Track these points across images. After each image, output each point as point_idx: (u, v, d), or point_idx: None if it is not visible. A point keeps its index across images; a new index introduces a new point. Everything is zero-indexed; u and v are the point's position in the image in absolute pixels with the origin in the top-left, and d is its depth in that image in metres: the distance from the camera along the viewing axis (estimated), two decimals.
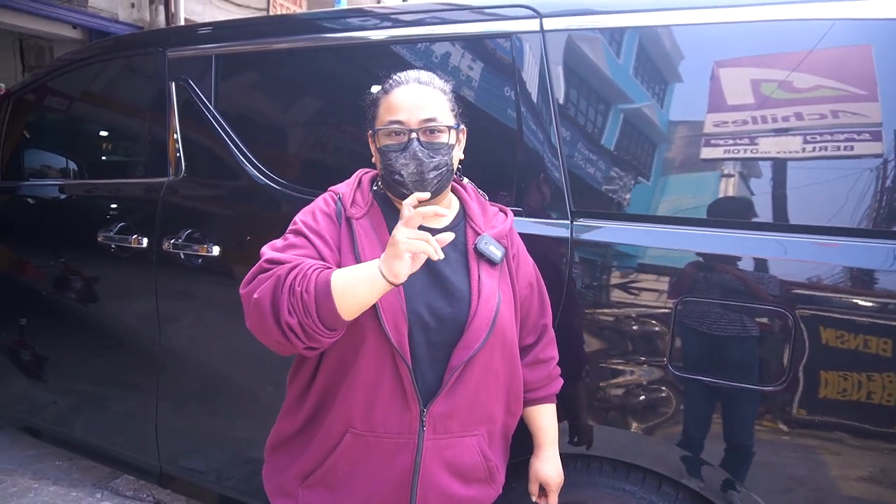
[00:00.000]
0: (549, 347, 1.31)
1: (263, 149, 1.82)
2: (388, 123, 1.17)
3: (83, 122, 2.46)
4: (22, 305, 2.37)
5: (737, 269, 1.25)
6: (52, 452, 2.67)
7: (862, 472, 1.18)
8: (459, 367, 1.13)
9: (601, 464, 1.40)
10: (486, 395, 1.20)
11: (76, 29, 5.73)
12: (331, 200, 1.23)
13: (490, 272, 1.20)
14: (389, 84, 1.21)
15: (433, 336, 1.14)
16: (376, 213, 1.22)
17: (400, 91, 1.18)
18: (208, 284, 1.85)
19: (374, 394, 1.13)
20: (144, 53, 2.06)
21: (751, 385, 1.23)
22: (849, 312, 1.17)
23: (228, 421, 1.89)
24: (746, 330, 1.23)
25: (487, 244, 1.21)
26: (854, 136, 1.21)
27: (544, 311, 1.31)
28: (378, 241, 1.17)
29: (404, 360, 1.11)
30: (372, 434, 1.14)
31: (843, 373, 1.17)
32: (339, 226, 1.19)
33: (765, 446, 1.23)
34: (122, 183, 2.14)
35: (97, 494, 2.45)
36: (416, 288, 1.15)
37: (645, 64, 1.40)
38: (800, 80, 1.25)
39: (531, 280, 1.28)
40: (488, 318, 1.15)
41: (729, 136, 1.29)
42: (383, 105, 1.20)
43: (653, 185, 1.37)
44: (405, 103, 1.17)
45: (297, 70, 1.81)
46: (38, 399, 2.39)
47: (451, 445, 1.17)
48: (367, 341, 1.12)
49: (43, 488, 2.47)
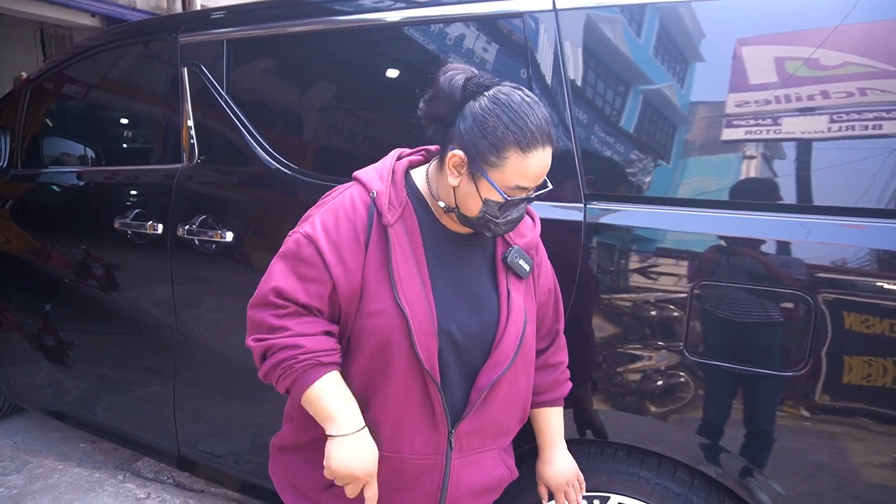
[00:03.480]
0: (560, 353, 1.29)
1: (276, 134, 1.82)
2: (514, 187, 1.04)
3: (98, 109, 2.48)
4: (43, 291, 2.41)
5: (757, 252, 1.21)
6: (77, 436, 2.74)
7: (886, 459, 1.14)
8: (487, 387, 1.12)
9: (615, 450, 1.39)
10: (508, 409, 1.19)
11: (94, 17, 5.77)
12: (359, 204, 1.09)
13: (517, 285, 1.16)
14: (525, 138, 1.00)
15: (461, 355, 1.12)
16: (410, 215, 1.10)
17: (536, 156, 1.02)
18: (222, 270, 1.86)
19: (402, 415, 1.10)
20: (157, 39, 2.06)
21: (770, 371, 1.20)
22: (875, 296, 1.13)
23: (246, 405, 1.90)
24: (766, 314, 1.20)
25: (517, 258, 1.15)
26: (884, 115, 1.17)
27: (558, 317, 1.29)
28: (411, 251, 1.08)
29: (435, 382, 1.08)
30: (398, 456, 1.12)
31: (867, 358, 1.13)
32: (366, 236, 1.07)
33: (784, 432, 1.20)
34: (137, 170, 2.15)
35: (119, 476, 2.50)
36: (446, 304, 1.09)
37: (664, 43, 1.35)
38: (827, 56, 1.20)
39: (550, 287, 1.25)
40: (516, 336, 1.12)
41: (751, 116, 1.25)
42: (513, 163, 1.01)
43: (672, 168, 1.33)
44: (537, 170, 1.04)
45: (309, 54, 1.79)
46: (62, 384, 2.44)
47: (476, 462, 1.17)
48: (397, 363, 1.07)
49: (68, 469, 2.52)
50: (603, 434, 1.36)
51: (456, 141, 1.04)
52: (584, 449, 1.39)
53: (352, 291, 1.06)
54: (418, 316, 1.05)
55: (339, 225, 1.07)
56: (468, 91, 1.04)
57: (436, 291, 1.08)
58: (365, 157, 1.76)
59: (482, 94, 1.03)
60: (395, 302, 1.04)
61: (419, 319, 1.05)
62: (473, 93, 1.04)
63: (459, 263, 1.13)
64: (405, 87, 1.69)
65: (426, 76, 1.62)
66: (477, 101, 1.03)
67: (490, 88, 1.04)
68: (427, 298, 1.07)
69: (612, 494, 1.37)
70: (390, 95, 1.70)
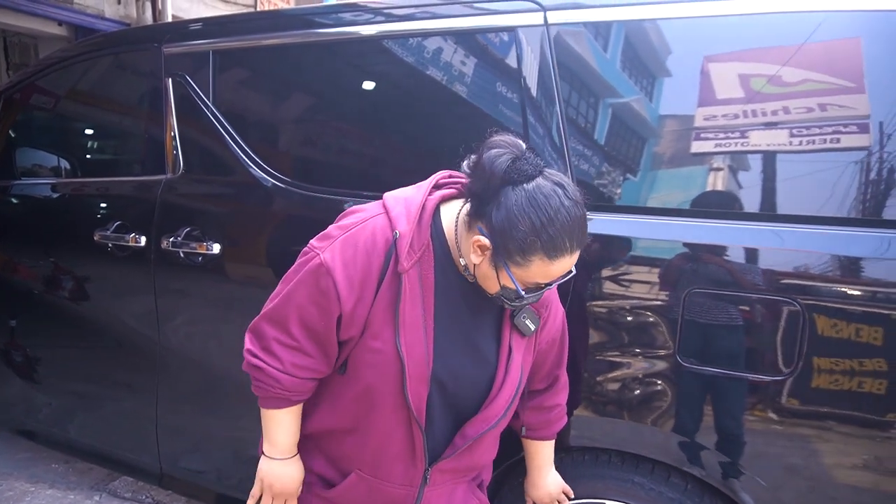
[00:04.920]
0: (557, 396, 1.30)
1: (264, 145, 1.81)
2: (534, 285, 1.03)
3: (76, 120, 2.42)
4: (16, 306, 2.33)
5: (738, 260, 1.26)
6: (48, 456, 2.64)
7: (856, 461, 1.19)
8: (474, 439, 1.14)
9: (609, 456, 1.41)
10: (488, 453, 1.24)
11: (62, 26, 5.65)
12: (380, 240, 1.05)
13: (519, 342, 1.16)
14: (553, 248, 0.97)
15: (450, 399, 1.13)
16: (427, 260, 1.07)
17: (563, 261, 0.99)
18: (209, 283, 1.84)
19: (385, 446, 1.14)
20: (140, 49, 2.04)
21: (756, 375, 1.23)
22: (840, 300, 1.18)
23: (230, 420, 1.87)
24: (748, 320, 1.24)
25: (525, 318, 1.13)
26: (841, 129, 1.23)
27: (560, 363, 1.29)
28: (421, 297, 1.06)
29: (420, 426, 1.10)
30: (376, 479, 1.16)
31: (844, 360, 1.18)
32: (379, 277, 1.05)
33: (770, 436, 1.24)
34: (119, 181, 2.11)
35: (95, 497, 2.42)
36: (445, 353, 1.10)
37: (650, 58, 1.40)
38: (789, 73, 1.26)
39: (555, 336, 1.24)
40: (509, 397, 1.14)
41: (743, 127, 1.29)
42: (537, 266, 0.98)
43: (659, 179, 1.37)
44: (561, 272, 1.01)
45: (296, 66, 1.79)
46: (34, 401, 2.36)
47: (446, 493, 1.21)
48: (387, 400, 1.09)
49: (40, 492, 2.44)
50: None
51: (485, 223, 1.00)
52: (579, 456, 1.41)
53: (355, 325, 1.07)
54: (414, 362, 1.06)
55: (357, 260, 1.05)
56: (509, 177, 0.97)
57: (437, 339, 1.09)
58: (353, 168, 1.78)
59: (523, 184, 0.97)
60: (395, 345, 1.05)
61: (414, 366, 1.06)
62: (515, 180, 0.97)
63: (467, 314, 1.12)
64: (392, 100, 1.71)
65: (413, 89, 1.66)
66: (515, 193, 0.96)
67: (533, 179, 0.97)
68: (427, 346, 1.08)
69: (608, 501, 1.39)
70: (379, 108, 1.71)
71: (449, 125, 1.62)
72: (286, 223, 1.76)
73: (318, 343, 1.10)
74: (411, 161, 1.68)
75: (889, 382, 1.15)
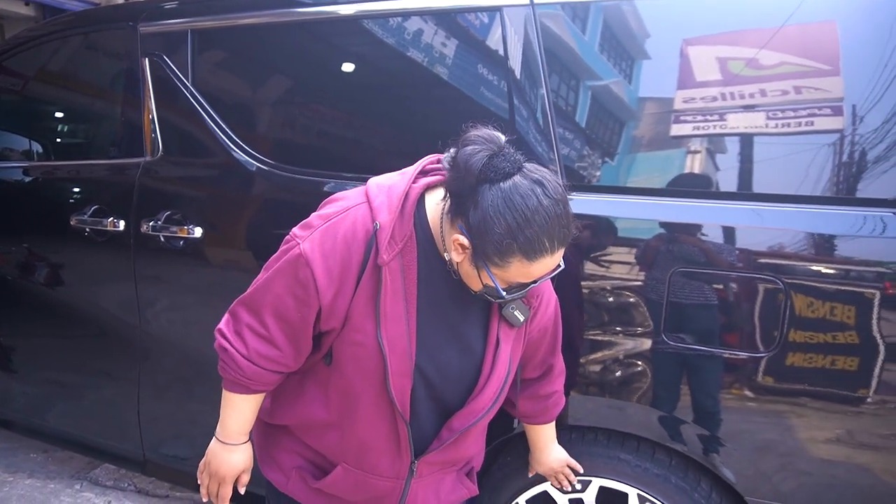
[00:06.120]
0: (552, 384, 1.29)
1: (245, 127, 1.78)
2: (516, 284, 1.00)
3: (50, 103, 2.36)
4: None
5: (720, 238, 1.28)
6: (26, 445, 2.60)
7: (829, 434, 1.23)
8: (461, 432, 1.13)
9: (596, 434, 1.43)
10: (475, 445, 1.24)
11: (29, 6, 5.47)
12: (361, 231, 1.02)
13: (507, 333, 1.13)
14: (532, 249, 0.93)
15: (435, 392, 1.12)
16: (410, 251, 1.04)
17: (543, 262, 0.95)
18: (191, 267, 1.81)
19: (370, 439, 1.13)
20: (115, 28, 1.98)
21: (740, 352, 1.26)
22: (816, 278, 1.21)
23: (213, 406, 1.85)
24: (736, 297, 1.26)
25: (513, 309, 1.10)
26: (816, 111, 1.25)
27: (554, 350, 1.27)
28: (403, 289, 1.04)
29: (404, 420, 1.10)
30: (361, 471, 1.16)
31: (823, 334, 1.21)
32: (360, 270, 1.02)
33: (749, 413, 1.27)
34: (95, 164, 2.06)
35: (76, 486, 2.40)
36: (429, 345, 1.08)
37: (627, 39, 1.40)
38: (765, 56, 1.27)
39: (546, 325, 1.22)
40: (496, 390, 1.13)
41: (728, 109, 1.31)
42: (516, 267, 0.95)
43: (648, 160, 1.38)
44: (543, 272, 0.98)
45: (277, 45, 1.76)
46: (10, 390, 2.31)
47: (434, 483, 1.22)
48: (370, 394, 1.09)
49: (18, 482, 2.40)
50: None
51: (464, 222, 0.96)
52: (566, 434, 1.43)
53: (335, 317, 1.05)
54: (397, 356, 1.05)
55: (337, 251, 1.02)
56: (485, 176, 0.93)
57: (421, 331, 1.07)
58: (336, 150, 1.75)
59: (499, 183, 0.92)
60: (376, 339, 1.03)
61: (397, 360, 1.05)
62: (492, 179, 0.93)
63: (453, 304, 1.10)
64: (376, 80, 1.69)
65: (397, 68, 1.64)
66: (491, 192, 0.92)
67: (510, 177, 0.93)
68: (409, 339, 1.06)
69: (594, 478, 1.41)
70: (362, 88, 1.69)
71: (433, 106, 1.61)
72: (269, 206, 1.74)
73: (291, 336, 1.07)
74: (395, 143, 1.67)
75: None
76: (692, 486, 1.34)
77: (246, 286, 1.13)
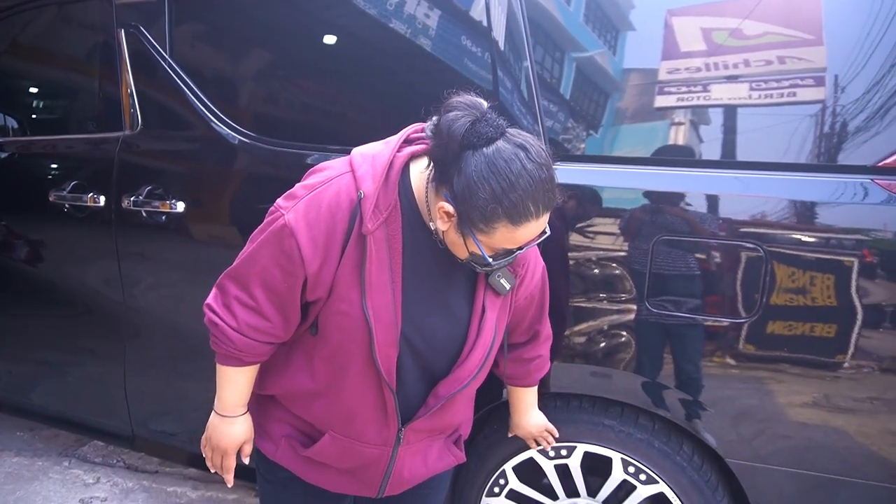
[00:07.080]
0: (539, 347, 1.30)
1: (226, 99, 1.75)
2: (502, 251, 1.00)
3: (23, 77, 2.30)
4: None
5: (703, 207, 1.29)
6: (12, 424, 2.59)
7: (807, 399, 1.26)
8: (447, 398, 1.14)
9: (580, 401, 1.45)
10: (462, 412, 1.25)
11: None
12: (345, 201, 1.02)
13: (493, 301, 1.13)
14: (516, 213, 0.93)
15: (421, 360, 1.12)
16: (395, 220, 1.04)
17: (528, 227, 0.96)
18: (174, 241, 1.79)
19: (357, 407, 1.13)
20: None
21: (722, 318, 1.28)
22: (798, 246, 1.23)
23: (202, 381, 1.85)
24: (717, 264, 1.28)
25: (500, 277, 1.11)
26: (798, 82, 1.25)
27: (541, 317, 1.28)
28: (388, 258, 1.04)
29: (390, 388, 1.10)
30: (349, 439, 1.17)
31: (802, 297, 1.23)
32: (344, 239, 1.02)
33: (732, 378, 1.30)
34: (72, 139, 2.02)
35: (64, 462, 2.40)
36: (415, 313, 1.08)
37: (627, 8, 1.39)
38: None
39: (533, 293, 1.22)
40: (482, 357, 1.13)
41: (713, 79, 1.31)
42: (501, 233, 0.95)
43: (633, 130, 1.38)
44: (529, 237, 0.98)
45: (258, 15, 1.72)
46: None
47: (421, 451, 1.23)
48: (356, 363, 1.09)
49: (5, 459, 2.40)
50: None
51: (448, 190, 0.96)
52: (551, 402, 1.45)
53: (321, 287, 1.05)
54: (382, 325, 1.05)
55: (321, 221, 1.02)
56: (468, 141, 0.93)
57: (406, 299, 1.08)
58: (319, 122, 1.73)
59: (482, 148, 0.92)
60: (361, 308, 1.04)
61: (382, 329, 1.05)
62: (475, 144, 0.93)
63: (438, 273, 1.10)
64: (358, 51, 1.66)
65: (380, 39, 1.61)
66: (475, 157, 0.92)
67: (493, 142, 0.93)
68: (395, 308, 1.06)
69: (579, 444, 1.44)
70: (344, 59, 1.66)
71: (416, 78, 1.59)
72: (251, 179, 1.73)
73: (279, 306, 1.08)
74: (378, 115, 1.65)
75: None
76: (674, 449, 1.37)
77: (230, 260, 1.12)
